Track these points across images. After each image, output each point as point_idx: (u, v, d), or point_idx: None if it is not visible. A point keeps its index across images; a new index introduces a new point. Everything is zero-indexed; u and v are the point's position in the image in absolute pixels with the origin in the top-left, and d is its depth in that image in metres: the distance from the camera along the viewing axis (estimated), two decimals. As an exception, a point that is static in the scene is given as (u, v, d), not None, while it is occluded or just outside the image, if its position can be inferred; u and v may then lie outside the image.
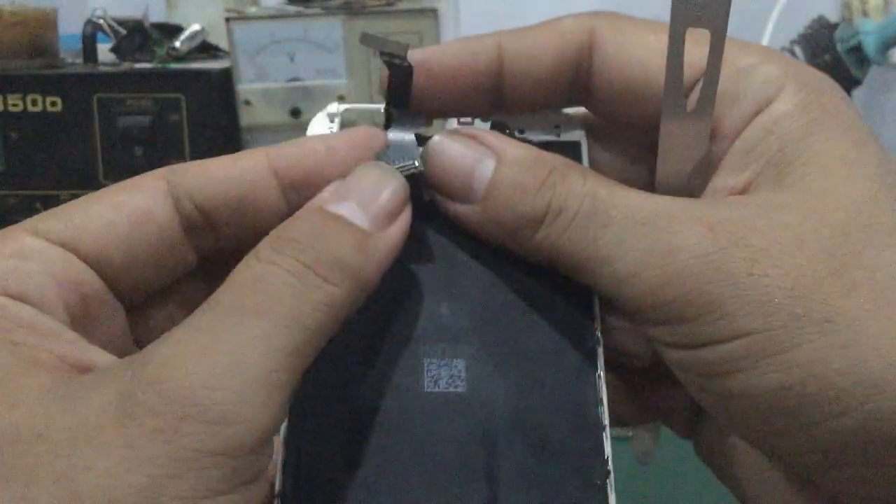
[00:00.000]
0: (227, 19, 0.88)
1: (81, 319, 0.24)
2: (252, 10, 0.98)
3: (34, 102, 0.91)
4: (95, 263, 0.24)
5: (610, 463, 0.24)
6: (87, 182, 0.91)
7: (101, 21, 0.98)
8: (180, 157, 0.89)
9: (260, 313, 0.21)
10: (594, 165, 0.28)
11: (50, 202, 0.91)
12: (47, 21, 0.96)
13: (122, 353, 0.23)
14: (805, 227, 0.23)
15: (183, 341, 0.21)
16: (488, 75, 0.27)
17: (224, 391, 0.20)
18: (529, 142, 0.28)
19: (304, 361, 0.22)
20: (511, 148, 0.26)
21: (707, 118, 0.25)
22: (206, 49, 1.00)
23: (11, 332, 0.22)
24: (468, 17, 1.17)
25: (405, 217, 0.24)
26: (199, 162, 0.26)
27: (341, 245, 0.23)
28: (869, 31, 1.02)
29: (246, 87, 0.89)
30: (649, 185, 0.27)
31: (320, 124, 0.29)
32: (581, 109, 0.29)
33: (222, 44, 0.96)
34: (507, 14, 1.41)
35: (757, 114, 0.25)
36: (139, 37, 0.97)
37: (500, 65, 0.27)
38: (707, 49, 0.24)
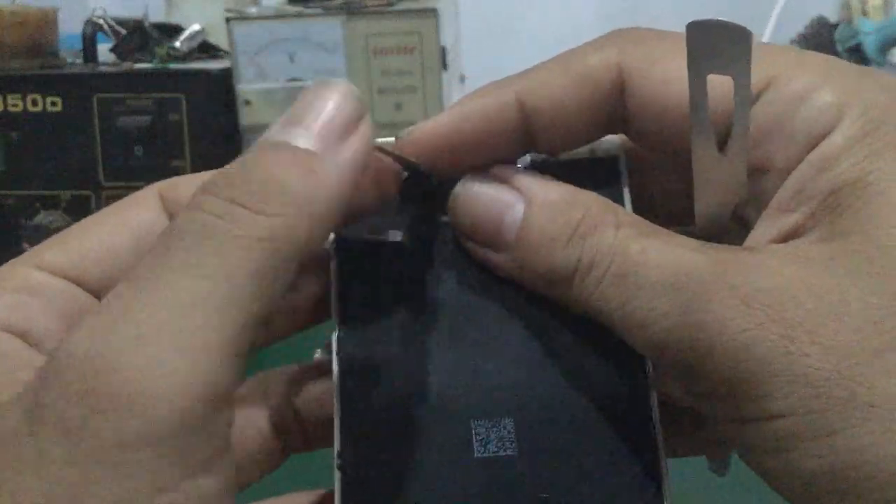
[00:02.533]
0: (227, 19, 0.88)
1: None
2: (252, 10, 0.98)
3: (34, 102, 0.91)
4: (100, 292, 0.23)
5: None
6: (87, 182, 0.91)
7: (101, 21, 0.98)
8: (180, 157, 0.89)
9: (176, 268, 0.18)
10: (638, 197, 0.26)
11: (50, 202, 0.91)
12: (47, 21, 0.96)
13: None
14: (851, 291, 0.20)
15: (88, 323, 0.18)
16: (514, 133, 0.25)
17: (133, 370, 0.17)
18: (559, 161, 0.26)
19: (249, 314, 0.19)
20: (542, 190, 0.24)
21: (741, 165, 0.23)
22: (206, 49, 1.00)
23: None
24: (468, 16, 1.17)
25: (363, 132, 0.21)
26: (191, 176, 0.25)
27: (279, 169, 0.19)
28: (869, 31, 1.02)
29: (246, 87, 0.89)
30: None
31: None
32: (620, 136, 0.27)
33: (222, 44, 0.96)
34: (507, 14, 1.41)
35: (812, 148, 0.22)
36: (139, 37, 0.97)
37: (525, 120, 0.25)
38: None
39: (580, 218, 0.23)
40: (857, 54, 1.04)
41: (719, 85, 0.21)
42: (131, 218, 0.24)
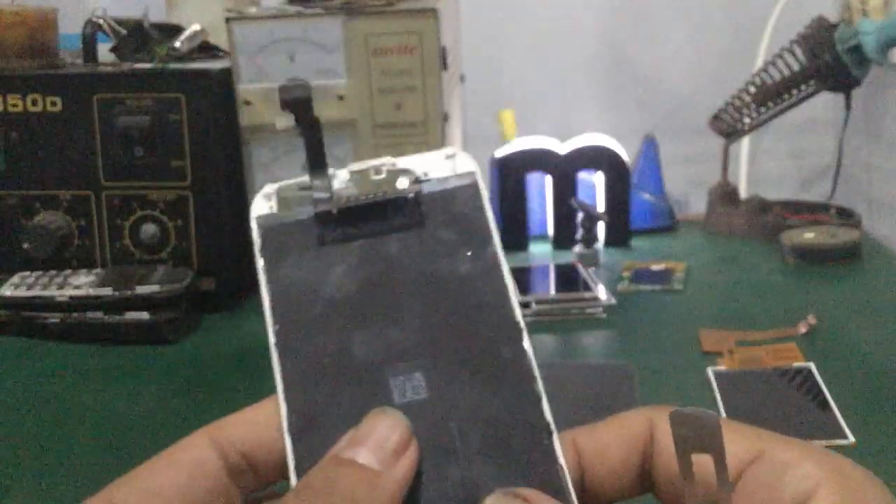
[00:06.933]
0: (227, 19, 0.88)
1: None
2: (252, 10, 0.98)
3: (34, 102, 0.91)
4: None
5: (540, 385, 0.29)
6: (87, 182, 0.91)
7: (101, 21, 0.99)
8: (180, 157, 0.89)
9: None
10: None
11: (50, 202, 0.91)
12: (47, 21, 0.96)
13: None
14: None
15: None
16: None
17: None
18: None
19: None
20: None
21: None
22: (206, 49, 1.00)
23: None
24: (468, 16, 1.17)
25: (412, 453, 0.28)
26: (237, 414, 0.31)
27: (352, 485, 0.27)
28: (869, 31, 1.02)
29: (246, 87, 0.89)
30: None
31: (260, 206, 0.33)
32: None
33: (222, 44, 0.96)
34: (508, 14, 1.41)
35: None
36: (139, 37, 0.97)
37: (580, 468, 0.31)
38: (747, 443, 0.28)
39: None
40: (857, 54, 1.04)
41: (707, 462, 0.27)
42: (184, 458, 0.30)
